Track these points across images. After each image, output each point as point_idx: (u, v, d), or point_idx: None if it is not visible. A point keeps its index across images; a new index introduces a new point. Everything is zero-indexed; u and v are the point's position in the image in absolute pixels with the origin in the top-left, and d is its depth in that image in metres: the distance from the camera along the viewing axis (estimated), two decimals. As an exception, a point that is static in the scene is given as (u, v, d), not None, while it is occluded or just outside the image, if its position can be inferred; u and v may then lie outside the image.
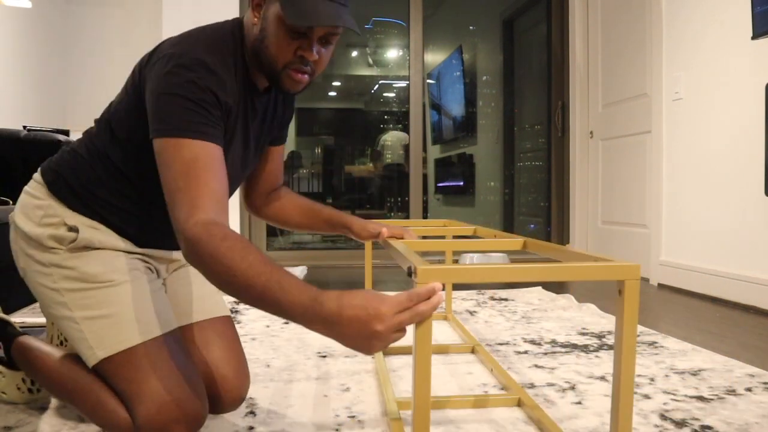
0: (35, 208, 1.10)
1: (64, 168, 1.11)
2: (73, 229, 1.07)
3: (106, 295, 1.03)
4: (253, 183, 1.32)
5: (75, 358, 1.09)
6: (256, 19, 1.03)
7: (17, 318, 2.17)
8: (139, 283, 1.07)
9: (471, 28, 6.25)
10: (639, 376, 1.52)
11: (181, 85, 0.94)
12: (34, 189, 1.13)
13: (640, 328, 2.05)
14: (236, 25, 1.08)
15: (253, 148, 1.17)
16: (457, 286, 2.88)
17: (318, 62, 1.04)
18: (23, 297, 1.45)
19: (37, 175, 1.15)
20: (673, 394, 1.38)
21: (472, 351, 1.74)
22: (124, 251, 1.10)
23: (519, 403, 1.29)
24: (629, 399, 0.80)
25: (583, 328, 2.05)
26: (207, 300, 1.22)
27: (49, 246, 1.07)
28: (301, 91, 1.07)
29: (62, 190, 1.10)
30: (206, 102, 0.95)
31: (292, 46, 1.00)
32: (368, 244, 2.11)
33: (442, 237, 2.16)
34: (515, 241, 1.23)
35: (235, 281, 0.82)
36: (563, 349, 1.78)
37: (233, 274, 0.82)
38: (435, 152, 6.67)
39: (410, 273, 0.81)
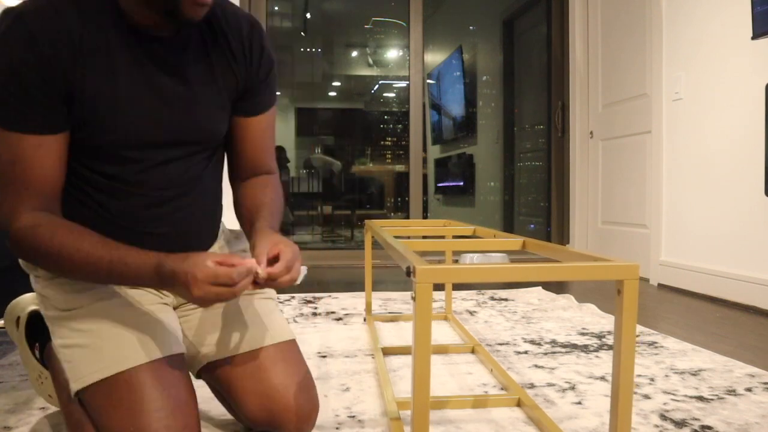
0: None
1: None
2: None
3: (79, 322, 0.93)
4: (229, 158, 1.14)
5: None
6: None
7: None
8: (118, 305, 0.96)
9: (471, 28, 6.26)
10: (639, 376, 1.52)
11: None
12: None
13: (640, 328, 2.05)
14: None
15: (174, 103, 0.97)
16: (457, 286, 2.88)
17: None
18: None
19: None
20: (673, 394, 1.38)
21: (472, 351, 1.74)
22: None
23: (519, 403, 1.29)
24: (629, 399, 0.80)
25: (583, 328, 2.06)
26: (260, 325, 1.09)
27: (35, 274, 1.00)
28: (201, 18, 0.89)
29: None
30: (24, 86, 0.84)
31: None
32: (368, 244, 2.11)
33: (442, 237, 2.17)
34: (515, 241, 1.23)
35: (81, 269, 0.86)
36: (563, 349, 1.78)
37: (73, 265, 0.86)
38: (435, 152, 6.67)
39: (409, 273, 0.80)
